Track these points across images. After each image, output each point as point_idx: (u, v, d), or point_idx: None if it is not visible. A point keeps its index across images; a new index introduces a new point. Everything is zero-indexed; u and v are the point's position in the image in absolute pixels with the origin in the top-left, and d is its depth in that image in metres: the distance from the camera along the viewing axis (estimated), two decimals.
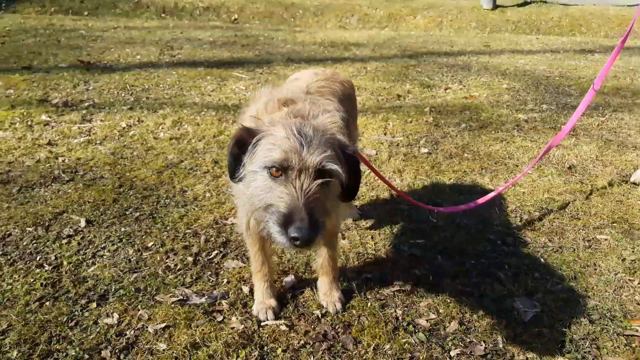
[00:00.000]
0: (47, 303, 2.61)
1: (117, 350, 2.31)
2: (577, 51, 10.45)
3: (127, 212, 3.54)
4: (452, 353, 2.33)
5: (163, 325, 2.46)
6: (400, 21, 15.39)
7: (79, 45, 8.89)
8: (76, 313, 2.55)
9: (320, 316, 2.58)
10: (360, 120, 5.61)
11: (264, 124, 2.03)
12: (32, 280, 2.79)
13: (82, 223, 3.37)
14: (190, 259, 3.03)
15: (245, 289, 2.76)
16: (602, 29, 14.37)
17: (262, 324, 2.50)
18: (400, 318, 2.57)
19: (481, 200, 3.36)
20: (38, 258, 3.00)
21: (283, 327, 2.48)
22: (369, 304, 2.66)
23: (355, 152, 2.06)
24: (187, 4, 15.70)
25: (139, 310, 2.57)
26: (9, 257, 3.00)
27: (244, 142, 1.97)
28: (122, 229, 3.33)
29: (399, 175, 4.32)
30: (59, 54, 8.14)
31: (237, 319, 2.52)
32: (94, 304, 2.61)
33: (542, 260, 3.11)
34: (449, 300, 2.70)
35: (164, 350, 2.31)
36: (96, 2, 15.19)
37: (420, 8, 15.81)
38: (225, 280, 2.84)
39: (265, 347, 2.36)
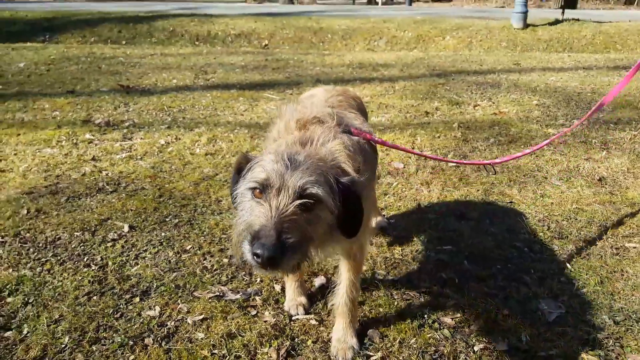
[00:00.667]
0: (95, 297, 2.82)
1: (159, 338, 2.49)
2: (610, 68, 10.34)
3: (166, 219, 3.76)
4: (476, 348, 2.41)
5: (201, 317, 2.64)
6: (429, 42, 15.58)
7: (118, 71, 9.34)
8: (121, 306, 2.75)
9: None
10: (388, 136, 5.75)
11: (262, 152, 2.06)
12: (80, 278, 3.01)
13: (126, 228, 3.60)
14: (225, 260, 3.20)
15: (277, 288, 2.91)
16: (639, 46, 14.18)
17: (293, 318, 2.65)
18: (425, 316, 2.66)
19: (533, 148, 3.31)
20: (85, 259, 3.23)
21: (313, 322, 2.61)
22: (396, 303, 2.76)
23: (353, 183, 1.95)
24: (219, 32, 16.34)
25: (178, 304, 2.75)
26: (59, 257, 3.24)
27: (242, 168, 1.99)
28: (163, 234, 3.54)
29: (426, 187, 4.41)
30: (100, 79, 8.57)
31: (269, 313, 2.67)
32: (137, 299, 2.81)
33: (568, 265, 3.15)
34: (474, 301, 2.77)
35: (202, 338, 2.48)
36: (133, 32, 15.99)
37: (449, 29, 15.97)
38: (258, 279, 3.00)
39: (296, 339, 2.50)
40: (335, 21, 17.25)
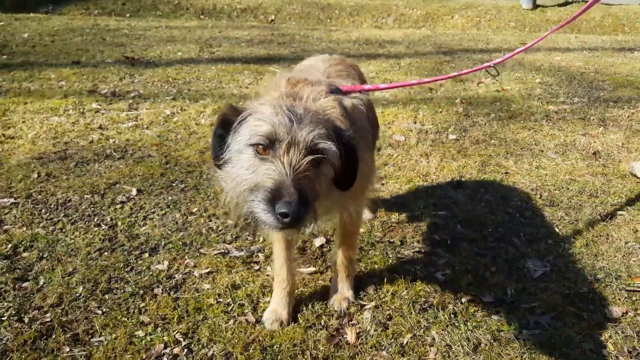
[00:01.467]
0: (106, 253, 2.99)
1: (167, 288, 2.67)
2: (616, 49, 10.30)
3: (173, 184, 3.90)
4: (464, 300, 2.59)
5: (207, 270, 2.82)
6: (438, 21, 15.48)
7: (123, 43, 9.34)
8: (131, 261, 2.92)
9: None
10: (391, 110, 5.84)
11: (251, 104, 1.91)
12: (91, 236, 3.17)
13: (134, 192, 3.74)
14: (230, 222, 3.35)
15: None
16: None
17: (294, 271, 2.78)
18: (418, 272, 2.83)
19: (534, 42, 3.33)
20: (95, 219, 3.38)
21: (312, 276, 2.79)
22: (390, 261, 2.93)
23: (352, 138, 1.89)
24: (225, 6, 16.24)
25: (186, 259, 2.93)
26: (70, 217, 3.39)
27: (229, 121, 1.85)
28: (170, 197, 3.69)
29: (425, 158, 4.53)
30: (105, 51, 8.58)
31: (271, 268, 2.83)
32: (147, 254, 2.98)
33: (557, 230, 3.30)
34: (464, 260, 2.94)
35: (208, 289, 2.66)
36: (137, 5, 15.88)
37: (458, 8, 15.84)
38: (261, 239, 3.16)
39: (297, 290, 2.66)
40: None
